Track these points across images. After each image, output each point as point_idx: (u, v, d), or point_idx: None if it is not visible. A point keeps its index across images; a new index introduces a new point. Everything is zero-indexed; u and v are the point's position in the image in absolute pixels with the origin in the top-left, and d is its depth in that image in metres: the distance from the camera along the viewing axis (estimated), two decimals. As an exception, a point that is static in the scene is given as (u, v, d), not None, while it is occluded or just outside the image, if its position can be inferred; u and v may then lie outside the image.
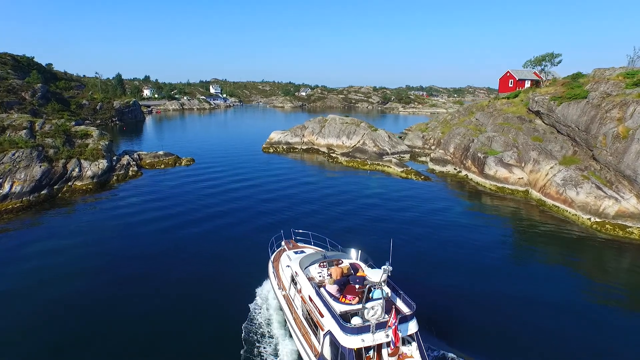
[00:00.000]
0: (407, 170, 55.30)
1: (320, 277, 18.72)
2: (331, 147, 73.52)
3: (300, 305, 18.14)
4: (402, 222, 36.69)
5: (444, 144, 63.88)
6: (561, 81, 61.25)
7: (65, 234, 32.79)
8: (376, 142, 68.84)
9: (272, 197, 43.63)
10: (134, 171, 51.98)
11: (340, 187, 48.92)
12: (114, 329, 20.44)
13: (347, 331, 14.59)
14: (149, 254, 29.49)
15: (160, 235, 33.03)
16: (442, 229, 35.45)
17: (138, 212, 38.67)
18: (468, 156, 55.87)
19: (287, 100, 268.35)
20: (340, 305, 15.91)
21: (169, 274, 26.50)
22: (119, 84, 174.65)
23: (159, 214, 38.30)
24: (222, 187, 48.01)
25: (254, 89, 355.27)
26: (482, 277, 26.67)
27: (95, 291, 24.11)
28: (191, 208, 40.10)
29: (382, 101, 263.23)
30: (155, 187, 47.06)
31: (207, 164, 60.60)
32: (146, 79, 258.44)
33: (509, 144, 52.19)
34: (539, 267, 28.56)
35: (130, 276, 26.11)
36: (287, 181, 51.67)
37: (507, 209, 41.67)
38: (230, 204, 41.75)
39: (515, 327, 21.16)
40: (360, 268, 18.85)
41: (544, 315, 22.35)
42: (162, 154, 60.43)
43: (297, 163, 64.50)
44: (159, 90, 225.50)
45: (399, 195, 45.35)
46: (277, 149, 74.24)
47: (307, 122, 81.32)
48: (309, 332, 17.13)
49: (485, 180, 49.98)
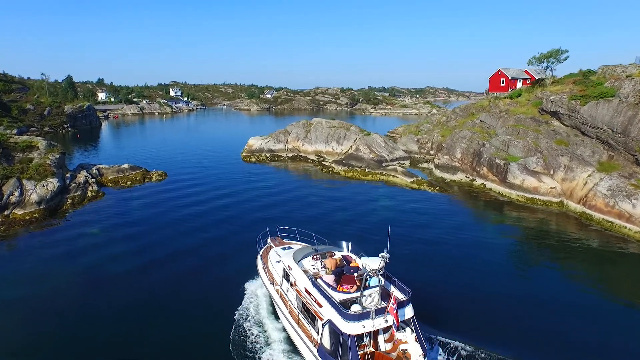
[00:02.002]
0: (419, 181, 48.66)
1: (314, 270, 18.70)
2: (320, 153, 66.02)
3: (295, 298, 18.13)
4: (427, 242, 30.43)
5: (447, 149, 57.95)
6: (570, 79, 56.84)
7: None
8: (372, 147, 62.02)
9: (268, 218, 35.29)
10: (94, 191, 42.23)
11: (345, 202, 41.56)
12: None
13: (348, 318, 14.70)
14: (119, 310, 21.28)
15: (134, 279, 24.60)
16: (474, 248, 29.25)
17: (102, 245, 29.78)
18: (482, 163, 50.02)
19: (253, 102, 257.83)
20: (339, 294, 16.18)
21: (148, 340, 18.46)
22: (69, 86, 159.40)
23: (129, 246, 29.62)
24: (204, 206, 39.50)
25: (216, 91, 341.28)
26: (547, 314, 20.16)
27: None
28: (170, 236, 31.68)
29: (351, 102, 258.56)
30: (122, 211, 37.83)
31: (182, 178, 51.46)
32: (100, 81, 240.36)
33: (530, 148, 46.70)
34: (610, 304, 22.37)
35: (92, 350, 17.77)
36: (281, 196, 43.72)
37: (545, 224, 35.84)
38: (217, 229, 33.55)
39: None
40: (352, 259, 19.08)
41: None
42: (127, 167, 50.79)
43: (286, 174, 56.50)
44: (115, 93, 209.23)
45: (417, 212, 38.57)
46: (259, 157, 65.82)
47: (290, 127, 73.43)
48: (305, 324, 17.11)
49: (510, 190, 44.10)
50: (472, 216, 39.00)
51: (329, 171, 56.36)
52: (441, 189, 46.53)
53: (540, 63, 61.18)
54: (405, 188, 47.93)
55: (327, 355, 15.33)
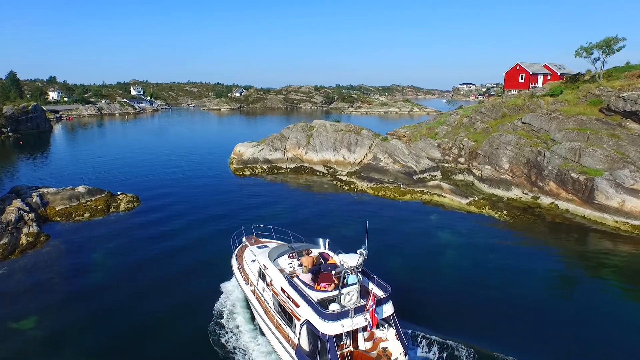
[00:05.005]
0: (478, 203, 37.72)
1: (290, 268, 17.57)
2: (328, 164, 54.23)
3: (271, 299, 17.01)
4: (527, 310, 19.31)
5: (487, 157, 47.65)
6: (635, 72, 47.99)
7: None
8: (394, 156, 50.84)
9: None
10: (32, 234, 28.45)
11: (395, 238, 30.11)
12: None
13: (326, 318, 13.85)
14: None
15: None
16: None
17: (42, 343, 16.92)
18: (546, 176, 39.87)
19: (223, 102, 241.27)
20: (317, 293, 15.18)
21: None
22: (13, 84, 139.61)
23: (88, 342, 16.91)
24: (196, 257, 26.92)
25: (180, 90, 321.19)
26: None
27: None
28: (161, 316, 19.10)
29: (326, 101, 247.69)
30: (75, 269, 24.67)
31: (160, 204, 38.10)
32: (52, 79, 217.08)
33: (614, 158, 36.89)
34: None
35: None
36: (306, 227, 31.54)
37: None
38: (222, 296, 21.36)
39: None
40: (330, 257, 18.26)
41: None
42: (83, 190, 37.06)
43: (297, 194, 43.77)
44: (69, 92, 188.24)
45: (497, 251, 27.69)
46: (254, 169, 53.09)
47: (287, 130, 61.12)
48: (282, 325, 16.01)
49: (603, 214, 33.96)
50: (563, 255, 28.51)
51: (350, 188, 44.41)
52: (510, 213, 35.80)
53: (589, 55, 52.01)
54: (460, 211, 36.93)
55: (306, 357, 14.43)
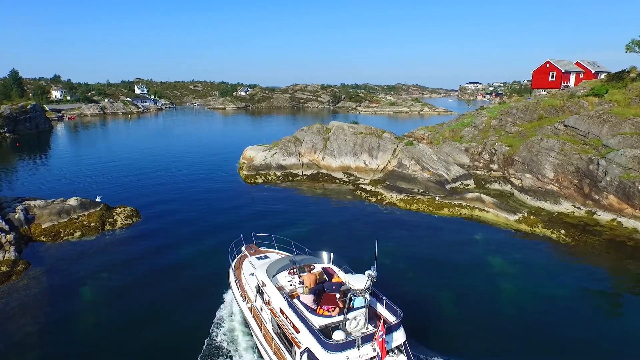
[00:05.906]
0: (528, 220, 32.64)
1: (291, 286, 16.07)
2: (348, 170, 49.36)
3: (269, 319, 15.40)
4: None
5: (526, 165, 42.65)
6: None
7: None
8: (422, 162, 45.90)
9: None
10: (8, 263, 23.58)
11: (434, 266, 25.28)
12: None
13: (329, 348, 12.40)
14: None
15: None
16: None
17: None
18: (603, 188, 34.85)
19: (228, 101, 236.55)
20: (319, 318, 13.64)
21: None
22: (15, 83, 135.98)
23: None
24: (213, 291, 22.23)
25: (184, 89, 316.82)
26: None
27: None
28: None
29: (333, 100, 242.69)
30: (54, 315, 19.96)
31: (163, 222, 33.26)
32: (56, 78, 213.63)
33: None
34: None
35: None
36: (336, 250, 26.84)
37: None
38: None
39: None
40: (335, 273, 16.86)
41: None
42: (75, 204, 32.40)
43: (317, 205, 38.67)
44: (72, 91, 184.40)
45: (559, 290, 22.78)
46: (266, 177, 48.30)
47: (301, 133, 56.33)
48: (282, 350, 14.41)
49: (682, 236, 28.99)
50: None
51: (377, 199, 39.48)
52: (567, 232, 30.73)
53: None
54: (508, 229, 31.97)
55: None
